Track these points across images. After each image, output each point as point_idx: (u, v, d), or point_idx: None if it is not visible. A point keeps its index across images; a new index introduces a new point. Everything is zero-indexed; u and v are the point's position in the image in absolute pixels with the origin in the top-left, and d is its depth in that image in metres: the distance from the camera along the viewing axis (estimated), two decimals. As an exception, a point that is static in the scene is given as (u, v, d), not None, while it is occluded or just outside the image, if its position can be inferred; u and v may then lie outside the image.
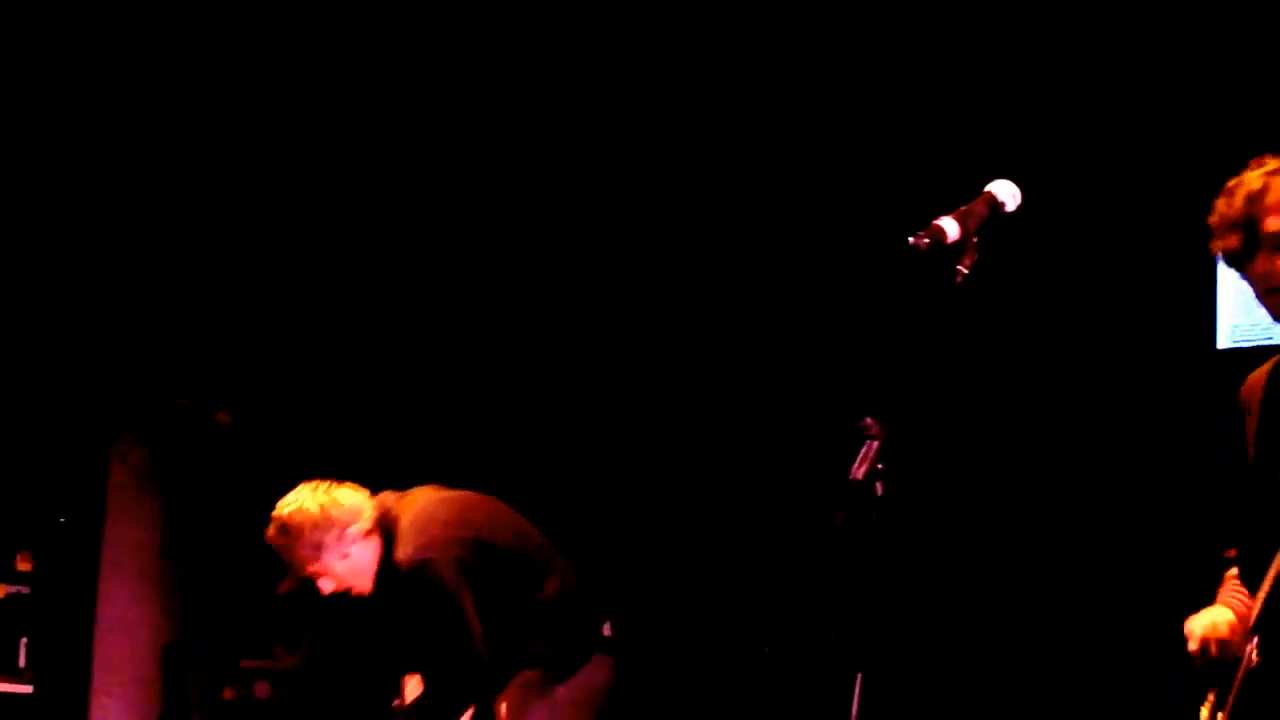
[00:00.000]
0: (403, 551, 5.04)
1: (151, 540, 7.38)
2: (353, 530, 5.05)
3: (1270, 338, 6.17)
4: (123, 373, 7.39)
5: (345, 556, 5.06)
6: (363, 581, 5.13)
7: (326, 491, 5.11)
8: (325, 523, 5.04)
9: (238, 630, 7.75)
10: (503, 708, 5.16)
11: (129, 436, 7.13)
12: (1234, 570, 3.62)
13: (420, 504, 5.18)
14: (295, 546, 5.05)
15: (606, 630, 5.42)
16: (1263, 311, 3.54)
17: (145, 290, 7.50)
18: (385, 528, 5.10)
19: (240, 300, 7.68)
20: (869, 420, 3.12)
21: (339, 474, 5.29)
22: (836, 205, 6.97)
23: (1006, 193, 3.37)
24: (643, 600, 7.44)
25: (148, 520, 7.30)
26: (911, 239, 3.22)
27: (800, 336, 7.08)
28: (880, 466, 3.11)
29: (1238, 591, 3.55)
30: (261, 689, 7.73)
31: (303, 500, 5.10)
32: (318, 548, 5.03)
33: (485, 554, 5.09)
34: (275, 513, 5.10)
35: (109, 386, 7.21)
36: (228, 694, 7.68)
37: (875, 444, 3.11)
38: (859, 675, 3.09)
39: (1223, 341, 6.33)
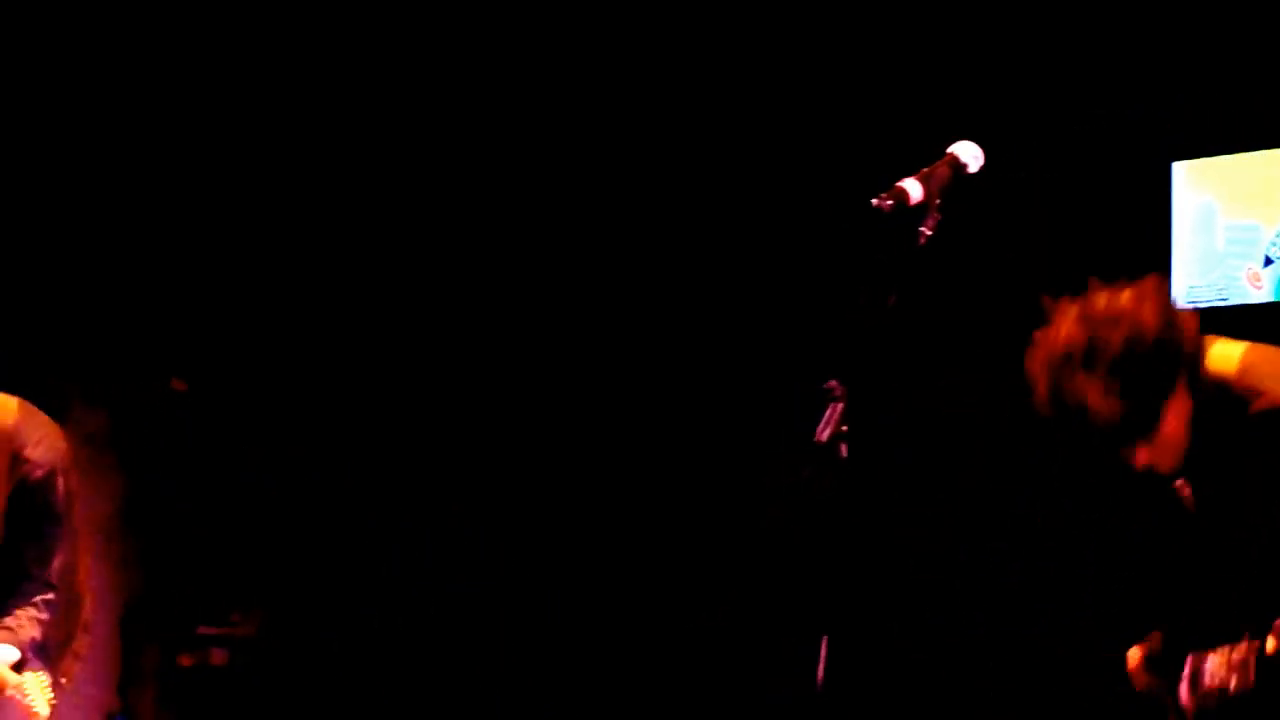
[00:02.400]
0: (35, 453, 4.64)
1: (107, 509, 7.34)
2: None
3: (1225, 299, 6.21)
4: (78, 341, 7.34)
5: None
6: None
7: None
8: None
9: (194, 597, 7.73)
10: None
11: (84, 405, 7.09)
12: None
13: (29, 408, 4.72)
14: None
15: None
16: (1218, 272, 3.56)
17: (99, 257, 7.43)
18: None
19: (195, 266, 7.63)
20: (833, 383, 3.12)
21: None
22: (799, 168, 6.96)
23: (969, 154, 3.37)
24: (607, 565, 7.45)
25: (104, 489, 7.26)
26: (875, 201, 3.22)
27: (764, 300, 7.07)
28: (844, 429, 3.11)
29: None
30: (218, 656, 7.70)
31: None
32: None
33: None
34: None
35: (64, 355, 7.17)
36: (185, 661, 7.66)
37: (840, 406, 3.11)
38: (824, 638, 3.10)
39: (1178, 302, 6.36)
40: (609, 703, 7.33)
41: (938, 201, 3.26)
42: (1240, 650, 3.25)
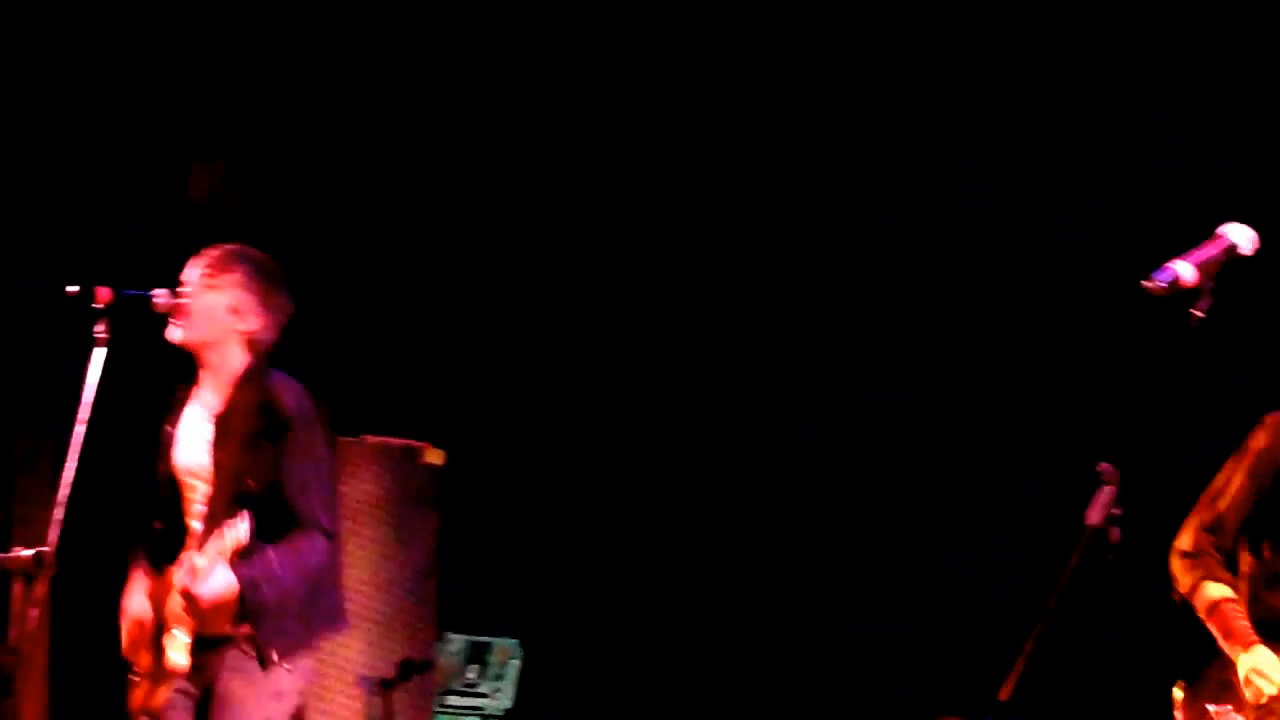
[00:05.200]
0: None
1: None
2: None
3: None
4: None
5: None
6: None
7: None
8: None
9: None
10: None
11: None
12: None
13: None
14: None
15: None
16: None
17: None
18: None
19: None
20: (1105, 465, 3.09)
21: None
22: (1065, 248, 6.86)
23: (1243, 236, 3.32)
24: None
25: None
26: (1146, 282, 3.18)
27: (1035, 381, 6.96)
28: (1116, 512, 3.08)
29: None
30: None
31: None
32: None
33: None
34: None
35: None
36: None
37: (1111, 489, 3.09)
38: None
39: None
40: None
41: (1211, 284, 3.22)
42: None
